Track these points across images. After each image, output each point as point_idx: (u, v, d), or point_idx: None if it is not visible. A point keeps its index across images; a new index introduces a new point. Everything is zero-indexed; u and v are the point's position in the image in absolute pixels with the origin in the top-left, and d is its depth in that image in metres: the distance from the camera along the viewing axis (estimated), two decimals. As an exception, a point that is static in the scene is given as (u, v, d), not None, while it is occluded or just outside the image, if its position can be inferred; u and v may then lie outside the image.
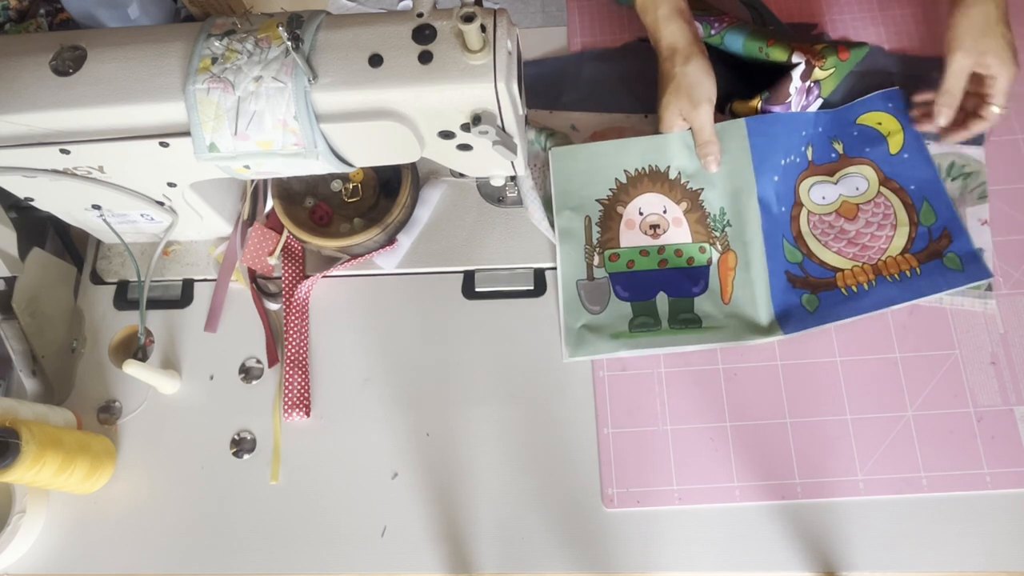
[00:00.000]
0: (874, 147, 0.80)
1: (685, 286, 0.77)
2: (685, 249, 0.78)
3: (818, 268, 0.77)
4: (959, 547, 0.67)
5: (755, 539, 0.69)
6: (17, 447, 0.65)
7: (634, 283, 0.77)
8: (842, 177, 0.80)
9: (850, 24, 0.88)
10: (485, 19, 0.58)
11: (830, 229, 0.78)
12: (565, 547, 0.70)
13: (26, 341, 0.77)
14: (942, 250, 0.75)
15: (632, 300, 0.77)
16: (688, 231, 0.78)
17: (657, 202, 0.80)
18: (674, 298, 0.76)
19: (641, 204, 0.80)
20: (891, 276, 0.75)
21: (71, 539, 0.74)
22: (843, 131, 0.82)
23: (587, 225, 0.79)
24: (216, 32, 0.62)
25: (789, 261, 0.77)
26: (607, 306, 0.77)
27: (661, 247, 0.78)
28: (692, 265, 0.77)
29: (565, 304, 0.77)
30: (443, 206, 0.83)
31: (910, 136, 0.80)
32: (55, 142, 0.64)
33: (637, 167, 0.80)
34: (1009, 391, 0.71)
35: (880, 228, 0.77)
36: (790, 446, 0.71)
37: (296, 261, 0.82)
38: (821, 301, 0.75)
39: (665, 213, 0.79)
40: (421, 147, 0.65)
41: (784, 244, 0.78)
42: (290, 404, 0.76)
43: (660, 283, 0.77)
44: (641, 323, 0.76)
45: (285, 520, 0.73)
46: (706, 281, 0.77)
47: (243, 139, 0.62)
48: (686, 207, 0.79)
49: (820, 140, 0.81)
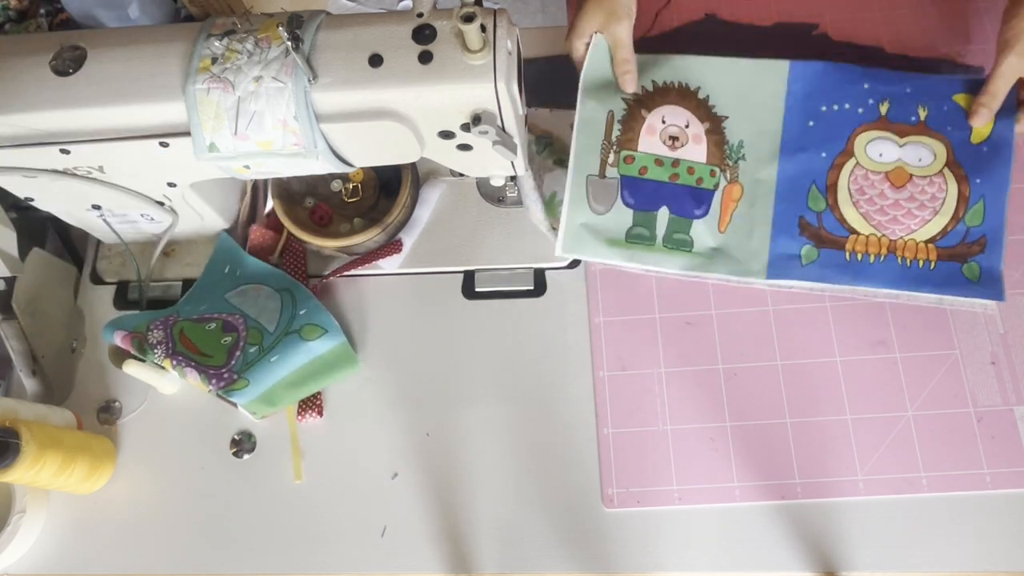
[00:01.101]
0: (957, 129, 0.76)
1: (688, 205, 0.77)
2: (698, 168, 0.77)
3: (835, 223, 0.75)
4: (959, 547, 0.67)
5: (755, 539, 0.69)
6: (17, 447, 0.65)
7: (642, 191, 0.77)
8: (910, 143, 0.77)
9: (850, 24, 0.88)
10: (485, 19, 0.58)
11: (870, 189, 0.76)
12: (565, 547, 0.70)
13: (26, 341, 0.77)
14: (968, 256, 0.73)
15: (635, 208, 0.77)
16: (705, 151, 0.78)
17: (681, 115, 0.79)
18: (675, 216, 0.76)
19: (665, 113, 0.79)
20: (903, 259, 0.74)
21: (71, 539, 0.74)
22: (934, 101, 0.78)
23: (609, 120, 0.78)
24: (216, 32, 0.62)
25: (809, 207, 0.76)
26: (611, 209, 0.76)
27: (676, 160, 0.78)
28: (700, 186, 0.77)
29: (571, 197, 0.76)
30: (443, 206, 0.83)
31: (999, 130, 0.75)
32: (55, 142, 0.64)
33: (667, 80, 0.80)
34: (1009, 391, 0.71)
35: (921, 208, 0.75)
36: (790, 446, 0.71)
37: (296, 261, 0.82)
38: (820, 257, 0.74)
39: (687, 128, 0.78)
40: (421, 147, 0.65)
41: (812, 188, 0.77)
42: (304, 405, 0.76)
43: (666, 196, 0.77)
44: (637, 235, 0.76)
45: (285, 520, 0.73)
46: (709, 205, 0.77)
47: (243, 139, 0.62)
48: (708, 127, 0.79)
49: (904, 99, 0.78)
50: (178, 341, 0.72)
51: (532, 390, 0.75)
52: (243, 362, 0.73)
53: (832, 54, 0.82)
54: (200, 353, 0.72)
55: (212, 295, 0.78)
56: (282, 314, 0.76)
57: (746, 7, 0.88)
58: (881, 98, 0.78)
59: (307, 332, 0.74)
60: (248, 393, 0.72)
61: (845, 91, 0.79)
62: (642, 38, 0.87)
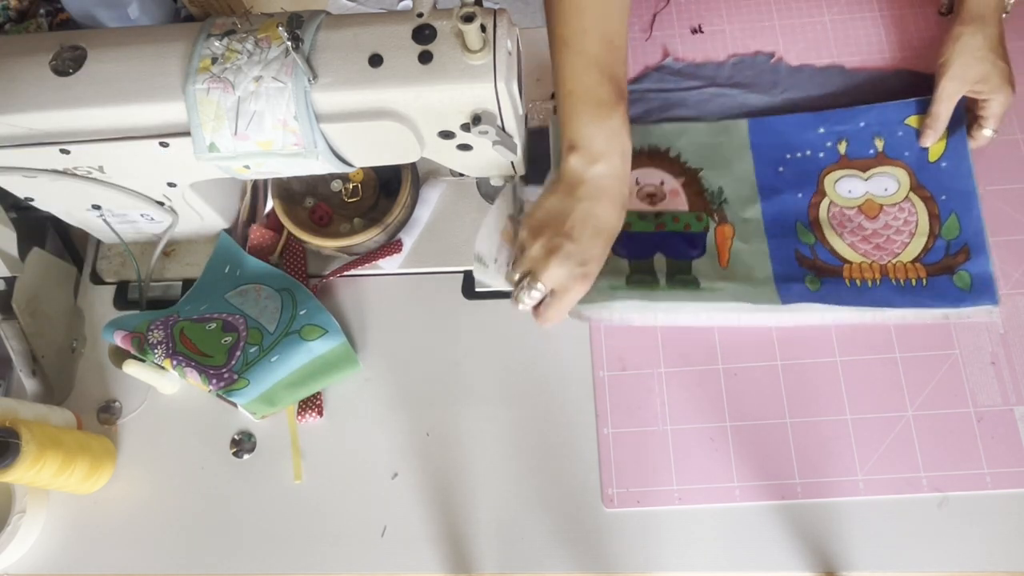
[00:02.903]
0: (914, 151, 0.79)
1: (682, 248, 0.76)
2: (683, 216, 0.77)
3: (828, 254, 0.76)
4: (959, 547, 0.67)
5: (755, 539, 0.69)
6: (17, 447, 0.65)
7: (632, 241, 0.76)
8: (874, 175, 0.79)
9: (850, 23, 0.88)
10: (485, 19, 0.58)
11: (848, 222, 0.77)
12: (565, 547, 0.70)
13: (26, 341, 0.77)
14: (955, 266, 0.74)
15: (629, 258, 0.76)
16: (686, 200, 0.78)
17: (655, 175, 0.80)
18: (672, 259, 0.76)
19: (639, 175, 0.80)
20: (895, 280, 0.74)
21: (71, 539, 0.74)
22: (889, 128, 0.80)
23: None
24: (216, 32, 0.62)
25: (801, 241, 0.77)
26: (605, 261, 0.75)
27: (658, 212, 0.78)
28: (689, 231, 0.77)
29: None
30: (443, 206, 0.83)
31: (953, 144, 0.78)
32: (55, 142, 0.64)
33: (637, 146, 0.80)
34: (1009, 391, 0.71)
35: (898, 233, 0.76)
36: (790, 446, 0.71)
37: (296, 261, 0.82)
38: (823, 285, 0.74)
39: (662, 185, 0.79)
40: (421, 147, 0.65)
41: (798, 226, 0.77)
42: (304, 405, 0.76)
43: (658, 244, 0.77)
44: (638, 280, 0.75)
45: (285, 520, 0.73)
46: (704, 246, 0.76)
47: (243, 139, 0.62)
48: (684, 180, 0.79)
49: (860, 135, 0.80)
50: (178, 341, 0.72)
51: (532, 390, 0.75)
52: (243, 362, 0.73)
53: (791, 80, 0.84)
54: (200, 353, 0.72)
55: (212, 295, 0.78)
56: (282, 314, 0.76)
57: (701, 45, 0.88)
58: (838, 139, 0.80)
59: (307, 332, 0.74)
60: (248, 393, 0.72)
61: (803, 139, 0.80)
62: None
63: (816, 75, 0.84)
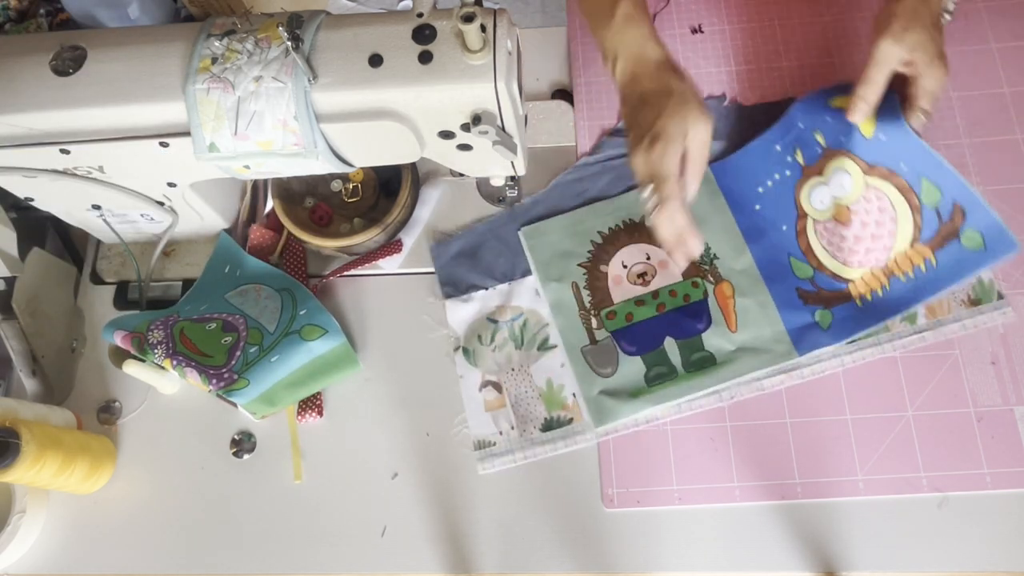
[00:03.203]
0: (849, 135, 0.74)
1: (689, 325, 0.75)
2: (679, 288, 0.76)
3: (830, 281, 0.74)
4: (959, 547, 0.67)
5: (755, 539, 0.69)
6: (17, 447, 0.65)
7: (638, 335, 0.75)
8: (829, 174, 0.75)
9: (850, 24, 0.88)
10: (485, 19, 0.58)
11: (833, 238, 0.75)
12: (565, 547, 0.70)
13: (26, 341, 0.77)
14: (957, 229, 0.70)
15: (641, 353, 0.74)
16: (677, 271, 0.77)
17: (638, 251, 0.78)
18: (682, 340, 0.74)
19: (623, 257, 0.78)
20: (903, 275, 0.72)
21: (71, 539, 0.74)
22: (818, 117, 0.76)
23: (575, 291, 0.77)
24: (216, 32, 0.62)
25: (799, 278, 0.75)
26: (618, 366, 0.74)
27: (655, 292, 0.76)
28: (689, 302, 0.76)
29: (577, 375, 0.74)
30: (443, 206, 0.83)
31: (882, 115, 0.71)
32: (55, 142, 0.64)
33: (610, 226, 0.79)
34: (1009, 391, 0.71)
35: (879, 225, 0.73)
36: (790, 446, 0.71)
37: (296, 261, 0.82)
38: (834, 316, 0.72)
39: (649, 260, 0.78)
40: (421, 147, 0.65)
41: (792, 261, 0.76)
42: (304, 405, 0.76)
43: (664, 328, 0.75)
44: (656, 375, 0.73)
45: (285, 520, 0.73)
46: (708, 315, 0.75)
47: (243, 139, 0.62)
48: None
49: (804, 137, 0.77)
50: (178, 341, 0.72)
51: (532, 390, 0.75)
52: (243, 362, 0.73)
53: (747, 119, 0.82)
54: (200, 353, 0.72)
55: (212, 295, 0.78)
56: (282, 314, 0.76)
57: (701, 45, 0.87)
58: (792, 150, 0.78)
59: (307, 332, 0.74)
60: (248, 393, 0.72)
61: (766, 164, 0.79)
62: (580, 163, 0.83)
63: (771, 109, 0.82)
